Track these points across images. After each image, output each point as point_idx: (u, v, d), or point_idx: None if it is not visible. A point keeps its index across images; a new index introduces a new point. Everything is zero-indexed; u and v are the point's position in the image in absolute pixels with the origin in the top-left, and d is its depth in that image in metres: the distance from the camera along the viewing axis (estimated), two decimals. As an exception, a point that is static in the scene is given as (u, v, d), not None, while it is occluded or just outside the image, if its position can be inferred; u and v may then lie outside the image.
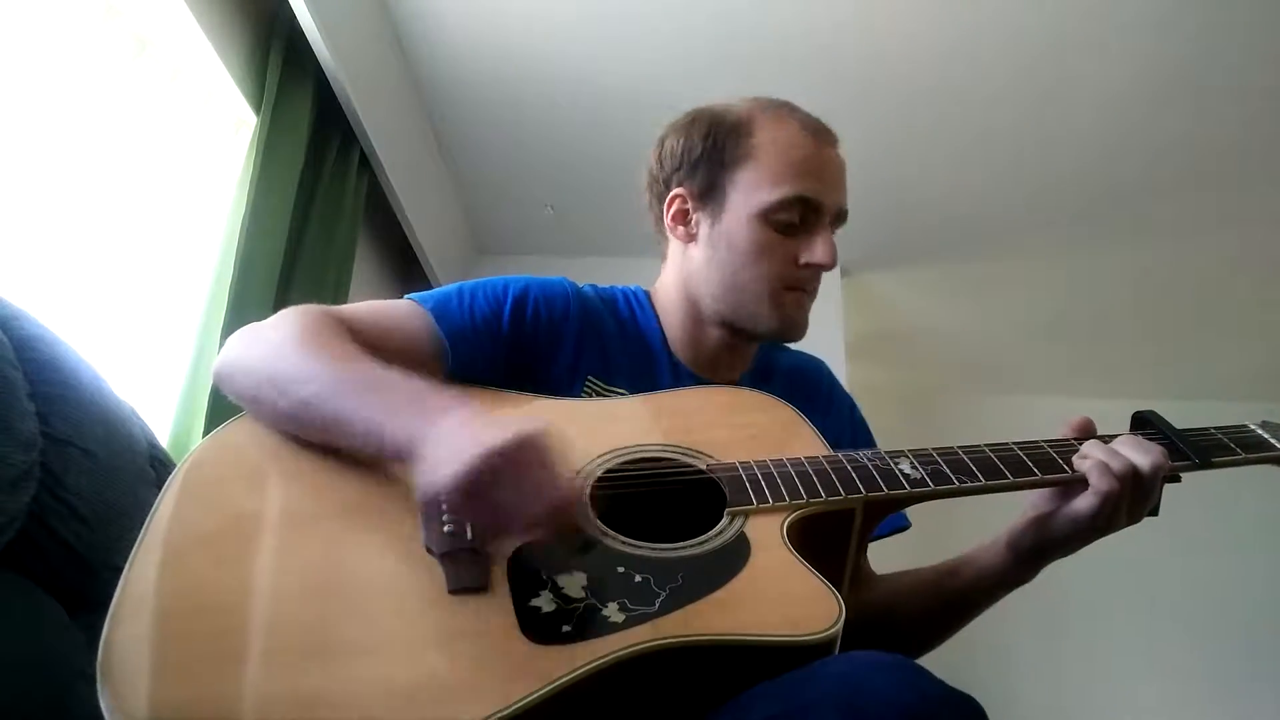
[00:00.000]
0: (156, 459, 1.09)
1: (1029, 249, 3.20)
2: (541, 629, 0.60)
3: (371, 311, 0.86)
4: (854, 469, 0.77)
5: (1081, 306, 3.53)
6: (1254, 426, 0.86)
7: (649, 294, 1.04)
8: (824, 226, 0.92)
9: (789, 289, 0.93)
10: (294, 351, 0.74)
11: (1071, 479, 0.77)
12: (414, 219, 2.66)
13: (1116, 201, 2.88)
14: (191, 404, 1.59)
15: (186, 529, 0.65)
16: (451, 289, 0.91)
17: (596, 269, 1.56)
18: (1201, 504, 2.68)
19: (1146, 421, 0.85)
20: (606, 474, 0.76)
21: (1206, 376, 3.87)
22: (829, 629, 0.61)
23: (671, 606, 0.62)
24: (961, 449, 0.80)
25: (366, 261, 2.61)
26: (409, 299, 0.90)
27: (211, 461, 0.72)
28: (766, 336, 0.97)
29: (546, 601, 0.62)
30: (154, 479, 1.04)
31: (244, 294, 1.71)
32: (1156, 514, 0.78)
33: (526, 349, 0.91)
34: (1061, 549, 0.79)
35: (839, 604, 0.63)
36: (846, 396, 1.08)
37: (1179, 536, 3.46)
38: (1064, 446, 0.80)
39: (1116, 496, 0.74)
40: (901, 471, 0.77)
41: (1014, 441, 0.81)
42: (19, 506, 0.86)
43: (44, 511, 0.89)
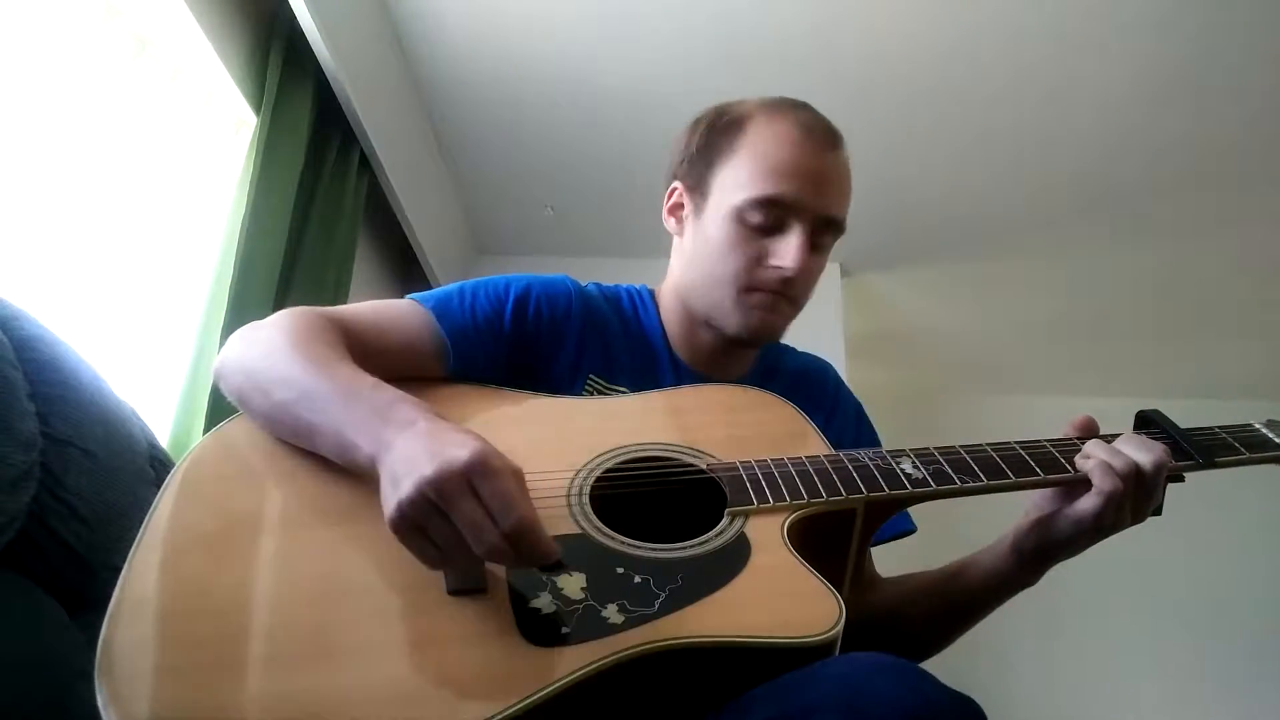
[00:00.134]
0: (156, 459, 1.08)
1: (1029, 249, 3.19)
2: (540, 630, 0.59)
3: (372, 311, 0.86)
4: (855, 468, 0.77)
5: (1081, 306, 3.53)
6: (1258, 426, 0.85)
7: (653, 292, 1.04)
8: (798, 231, 0.88)
9: (752, 289, 0.90)
10: (279, 354, 0.73)
11: (1074, 478, 0.77)
12: (414, 219, 2.66)
13: (1116, 201, 2.87)
14: (191, 404, 1.59)
15: (185, 528, 0.65)
16: (452, 288, 0.91)
17: (596, 269, 1.56)
18: (1204, 503, 2.67)
19: (1150, 420, 0.85)
20: (607, 473, 0.75)
21: (1206, 376, 3.87)
22: (829, 630, 0.60)
23: (671, 608, 0.62)
24: (964, 448, 0.79)
25: (366, 261, 2.61)
26: (410, 299, 0.89)
27: (211, 460, 0.72)
28: (736, 338, 0.93)
29: (545, 603, 0.62)
30: (154, 479, 1.04)
31: (244, 294, 1.71)
32: (1160, 514, 0.78)
33: (528, 348, 0.90)
34: (1065, 550, 0.78)
35: (839, 605, 0.62)
36: (853, 399, 1.07)
37: (1182, 536, 3.47)
38: (1066, 446, 0.80)
39: (1119, 496, 0.74)
40: (903, 471, 0.77)
41: (1016, 441, 0.81)
42: (19, 506, 0.86)
43: (44, 511, 0.89)
